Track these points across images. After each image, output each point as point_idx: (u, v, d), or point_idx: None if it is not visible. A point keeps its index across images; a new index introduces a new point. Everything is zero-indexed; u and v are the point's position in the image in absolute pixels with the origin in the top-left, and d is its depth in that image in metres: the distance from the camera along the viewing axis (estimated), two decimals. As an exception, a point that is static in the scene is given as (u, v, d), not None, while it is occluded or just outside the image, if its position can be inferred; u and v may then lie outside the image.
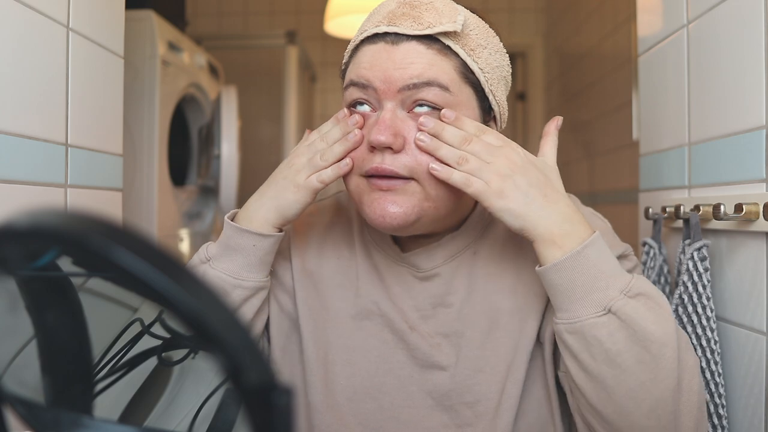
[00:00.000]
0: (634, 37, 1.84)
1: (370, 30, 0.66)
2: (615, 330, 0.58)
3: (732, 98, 0.77)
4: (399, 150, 0.64)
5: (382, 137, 0.62)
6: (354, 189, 0.68)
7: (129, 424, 0.54)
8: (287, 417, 0.26)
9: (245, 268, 0.69)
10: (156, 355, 0.57)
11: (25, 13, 0.79)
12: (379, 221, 0.65)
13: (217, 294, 0.26)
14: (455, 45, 0.65)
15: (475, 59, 0.66)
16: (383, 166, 0.64)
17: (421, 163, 0.64)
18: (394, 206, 0.64)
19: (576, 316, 0.59)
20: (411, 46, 0.64)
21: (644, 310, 0.58)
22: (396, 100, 0.64)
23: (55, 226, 0.26)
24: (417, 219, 0.65)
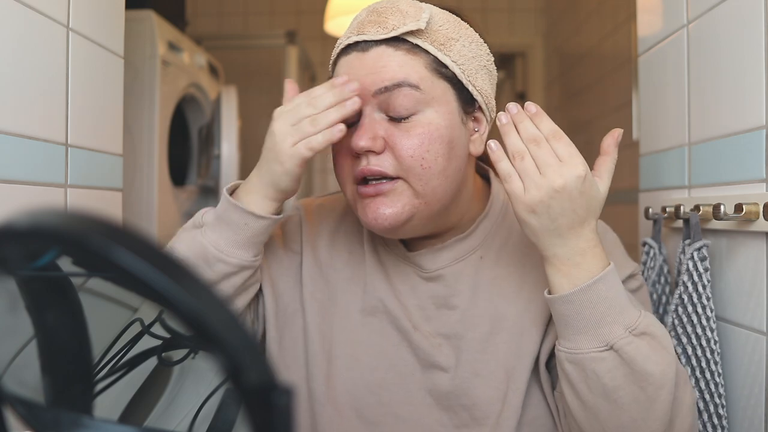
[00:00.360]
0: (634, 37, 1.84)
1: (343, 42, 0.69)
2: (615, 367, 0.59)
3: (732, 98, 0.77)
4: (380, 151, 0.66)
5: (362, 142, 0.65)
6: (350, 197, 0.70)
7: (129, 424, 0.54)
8: (287, 417, 0.26)
9: (232, 245, 0.68)
10: (156, 355, 0.57)
11: (25, 13, 0.79)
12: (372, 224, 0.67)
13: (217, 294, 0.26)
14: (423, 42, 0.66)
15: (446, 53, 0.67)
16: (369, 167, 0.66)
17: (403, 161, 0.65)
18: (385, 208, 0.66)
19: (578, 348, 0.60)
20: (380, 50, 0.66)
21: (647, 350, 0.59)
22: (373, 105, 0.66)
23: (55, 226, 0.26)
24: (409, 218, 0.66)
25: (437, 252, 0.73)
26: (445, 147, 0.66)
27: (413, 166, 0.65)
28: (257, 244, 0.70)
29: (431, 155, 0.65)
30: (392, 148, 0.66)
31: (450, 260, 0.73)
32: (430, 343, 0.71)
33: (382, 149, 0.66)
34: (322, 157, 3.39)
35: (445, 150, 0.66)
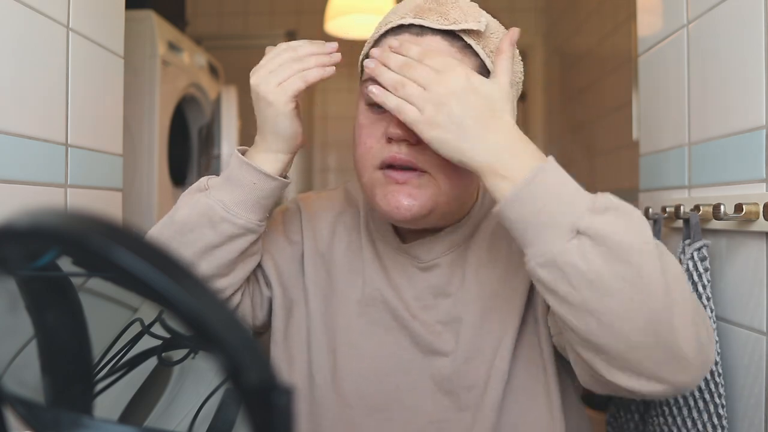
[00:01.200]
0: (634, 37, 1.84)
1: (396, 21, 0.67)
2: (589, 251, 0.52)
3: (732, 98, 0.77)
4: (415, 143, 0.64)
5: (400, 130, 0.63)
6: (368, 181, 0.68)
7: (129, 424, 0.54)
8: (287, 417, 0.26)
9: (239, 205, 0.67)
10: (156, 355, 0.57)
11: (25, 13, 0.79)
12: (393, 213, 0.65)
13: (217, 294, 0.26)
14: (476, 45, 0.66)
15: (494, 61, 0.66)
16: (400, 156, 0.64)
17: (436, 157, 0.63)
18: (409, 199, 0.65)
19: (546, 249, 0.54)
20: (435, 40, 0.65)
21: (616, 222, 0.53)
22: None
23: (55, 226, 0.26)
24: (430, 212, 0.66)
25: (432, 242, 0.74)
26: None
27: (446, 165, 0.63)
28: (265, 207, 0.69)
29: None
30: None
31: (444, 249, 0.74)
32: (430, 331, 0.71)
33: (417, 140, 0.63)
34: (322, 157, 3.39)
35: None
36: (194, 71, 1.96)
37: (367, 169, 0.68)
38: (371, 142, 0.68)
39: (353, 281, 0.77)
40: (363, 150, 0.68)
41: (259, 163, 0.68)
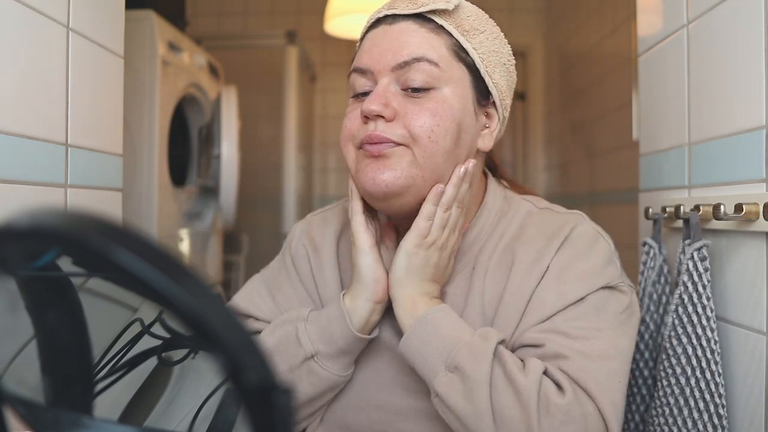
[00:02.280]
0: (634, 37, 1.84)
1: (374, 17, 0.73)
2: (440, 407, 0.65)
3: (732, 98, 0.77)
4: (390, 119, 0.67)
5: (374, 106, 0.66)
6: (351, 162, 0.72)
7: (129, 424, 0.54)
8: (287, 417, 0.26)
9: (348, 367, 0.72)
10: (156, 355, 0.57)
11: (25, 13, 0.79)
12: (369, 185, 0.67)
13: (216, 294, 0.26)
14: (448, 24, 0.69)
15: (468, 39, 0.69)
16: (376, 132, 0.67)
17: (412, 130, 0.66)
18: (385, 171, 0.67)
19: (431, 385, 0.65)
20: (406, 25, 0.69)
21: (456, 388, 0.62)
22: (390, 77, 0.68)
23: (55, 226, 0.26)
24: (405, 186, 0.67)
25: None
26: (455, 127, 0.68)
27: (421, 136, 0.66)
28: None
29: (440, 130, 0.67)
30: (403, 117, 0.67)
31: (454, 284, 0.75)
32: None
33: (392, 117, 0.67)
34: (322, 157, 3.39)
35: (454, 130, 0.68)
36: (194, 71, 1.96)
37: (350, 150, 0.71)
38: (351, 124, 0.71)
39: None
40: (345, 134, 0.72)
41: (350, 311, 0.70)
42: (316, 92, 3.35)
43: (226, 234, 2.40)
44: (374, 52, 0.69)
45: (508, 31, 0.77)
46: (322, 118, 3.38)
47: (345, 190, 0.76)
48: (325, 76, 3.36)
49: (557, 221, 0.74)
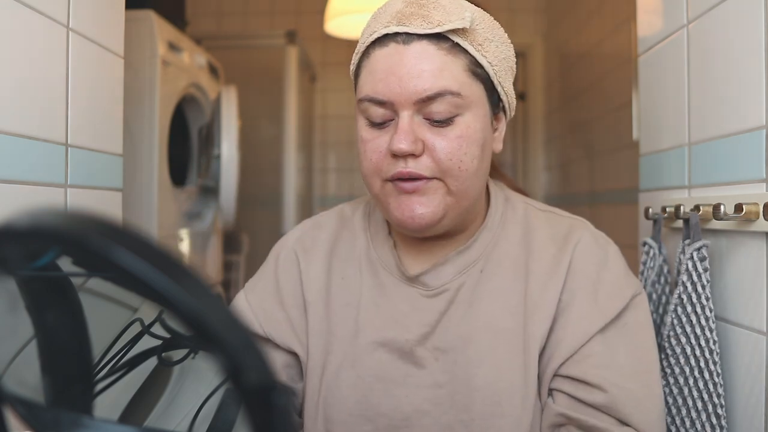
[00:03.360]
0: (634, 37, 1.84)
1: (380, 30, 0.67)
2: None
3: (732, 98, 0.77)
4: (419, 155, 0.66)
5: (403, 145, 0.65)
6: (379, 192, 0.70)
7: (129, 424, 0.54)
8: (287, 417, 0.26)
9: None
10: (156, 355, 0.57)
11: (25, 13, 0.79)
12: (408, 222, 0.67)
13: (216, 294, 0.26)
14: (464, 42, 0.66)
15: (483, 53, 0.68)
16: (407, 169, 0.66)
17: (441, 163, 0.66)
18: (422, 207, 0.67)
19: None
20: (422, 46, 0.65)
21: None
22: (412, 110, 0.66)
23: (55, 226, 0.26)
24: (443, 215, 0.68)
25: (440, 268, 0.73)
26: (480, 149, 0.68)
27: (451, 168, 0.66)
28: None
29: (468, 157, 0.67)
30: (431, 150, 0.66)
31: (453, 274, 0.73)
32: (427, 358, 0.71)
33: (421, 152, 0.66)
34: (322, 156, 3.39)
35: (479, 152, 0.68)
36: (194, 71, 1.96)
37: (377, 182, 0.69)
38: (376, 157, 0.68)
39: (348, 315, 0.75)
40: (370, 165, 0.69)
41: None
42: (316, 92, 3.35)
43: (226, 234, 2.40)
44: (392, 81, 0.66)
45: (508, 31, 0.77)
46: (322, 118, 3.38)
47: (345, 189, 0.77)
48: (325, 76, 3.36)
49: (564, 225, 0.76)
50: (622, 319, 0.70)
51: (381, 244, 0.78)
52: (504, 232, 0.76)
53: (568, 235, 0.74)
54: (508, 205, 0.79)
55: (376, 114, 0.68)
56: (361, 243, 0.79)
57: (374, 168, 0.69)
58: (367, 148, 0.69)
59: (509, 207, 0.78)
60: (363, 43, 0.70)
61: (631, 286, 0.72)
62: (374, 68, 0.68)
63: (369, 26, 0.71)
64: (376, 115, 0.68)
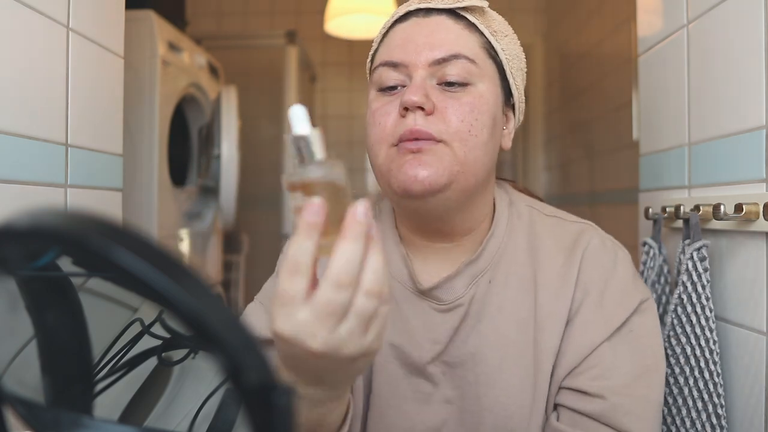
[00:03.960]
0: (634, 37, 1.84)
1: (402, 10, 0.71)
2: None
3: (732, 98, 0.77)
4: (430, 112, 0.65)
5: (415, 97, 0.64)
6: (383, 161, 0.67)
7: (129, 424, 0.54)
8: (287, 417, 0.26)
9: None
10: (156, 355, 0.57)
11: (25, 13, 0.79)
12: (411, 182, 0.63)
13: (216, 294, 0.26)
14: (480, 23, 0.69)
15: (498, 40, 0.70)
16: (416, 127, 0.64)
17: (451, 124, 0.64)
18: (425, 168, 0.64)
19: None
20: (441, 19, 0.68)
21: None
22: (427, 72, 0.66)
23: (55, 226, 0.26)
24: (447, 183, 0.64)
25: (452, 281, 0.70)
26: (491, 122, 0.67)
27: (461, 130, 0.64)
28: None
29: (479, 124, 0.65)
30: (442, 111, 0.65)
31: (464, 286, 0.71)
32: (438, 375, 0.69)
33: (431, 110, 0.65)
34: (322, 157, 3.39)
35: (491, 124, 0.67)
36: (194, 71, 1.96)
37: (383, 148, 0.67)
38: (385, 120, 0.67)
39: None
40: (378, 130, 0.67)
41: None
42: (316, 92, 3.35)
43: (226, 234, 2.40)
44: (409, 46, 0.67)
45: (508, 31, 0.77)
46: (322, 118, 3.38)
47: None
48: (325, 76, 3.36)
49: (571, 231, 0.73)
50: (629, 325, 0.68)
51: (391, 252, 0.75)
52: (510, 240, 0.73)
53: (576, 243, 0.72)
54: (513, 209, 0.76)
55: (390, 78, 0.68)
56: None
57: (383, 132, 0.66)
58: (376, 114, 0.68)
59: (514, 212, 0.76)
60: (384, 27, 0.73)
61: (638, 293, 0.69)
62: (393, 39, 0.70)
63: (393, 14, 0.73)
64: (390, 79, 0.68)
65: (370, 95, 0.71)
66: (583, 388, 0.65)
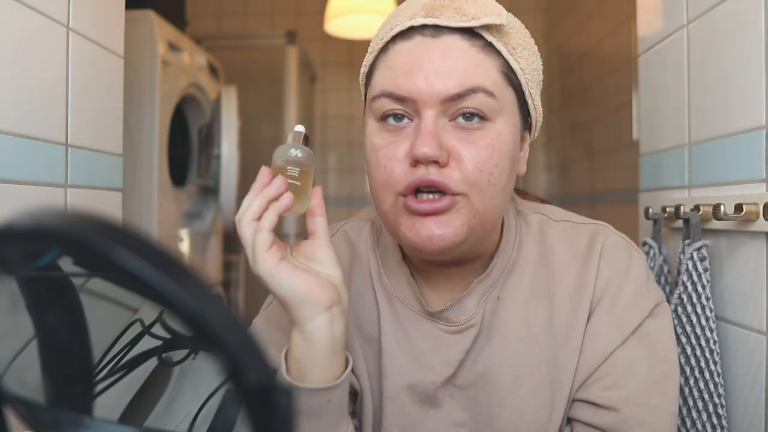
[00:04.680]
0: (634, 37, 1.84)
1: (404, 23, 0.58)
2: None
3: (732, 98, 0.77)
4: (444, 164, 0.56)
5: (428, 149, 0.54)
6: (390, 209, 0.59)
7: (129, 425, 0.54)
8: (287, 417, 0.26)
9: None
10: (156, 355, 0.57)
11: (25, 13, 0.79)
12: (425, 244, 0.57)
13: (217, 294, 0.26)
14: (498, 42, 0.58)
15: (516, 59, 0.60)
16: (429, 176, 0.56)
17: (469, 175, 0.56)
18: (443, 227, 0.57)
19: None
20: (453, 40, 0.57)
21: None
22: (437, 109, 0.57)
23: (55, 226, 0.26)
24: (465, 238, 0.58)
25: (463, 301, 0.66)
26: (510, 162, 0.59)
27: (480, 181, 0.56)
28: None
29: (498, 170, 0.57)
30: (458, 159, 0.56)
31: (475, 305, 0.66)
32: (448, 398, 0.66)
33: (446, 162, 0.56)
34: (322, 157, 3.39)
35: (509, 165, 0.59)
36: (194, 71, 1.96)
37: (389, 196, 0.59)
38: (392, 165, 0.58)
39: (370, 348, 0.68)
40: (384, 175, 0.58)
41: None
42: (316, 92, 3.35)
43: (226, 234, 2.40)
44: (416, 76, 0.56)
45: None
46: (322, 118, 3.38)
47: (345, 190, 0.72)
48: (325, 76, 3.36)
49: (583, 235, 0.68)
50: (643, 329, 0.64)
51: (394, 271, 0.69)
52: (521, 253, 0.68)
53: (590, 248, 0.67)
54: (521, 219, 0.71)
55: (393, 110, 0.58)
56: (372, 268, 0.71)
57: (389, 179, 0.58)
58: (380, 155, 0.59)
59: (522, 221, 0.71)
60: (381, 39, 0.61)
61: (651, 297, 0.65)
62: (395, 61, 0.59)
63: (387, 23, 0.62)
64: (393, 112, 0.58)
65: (368, 124, 0.62)
66: (595, 400, 0.62)
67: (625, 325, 0.64)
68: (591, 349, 0.64)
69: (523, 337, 0.65)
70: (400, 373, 0.66)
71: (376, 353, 0.68)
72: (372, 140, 0.60)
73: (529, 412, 0.64)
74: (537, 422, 0.64)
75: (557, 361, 0.65)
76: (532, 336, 0.65)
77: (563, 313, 0.65)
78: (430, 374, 0.66)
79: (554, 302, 0.66)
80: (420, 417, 0.66)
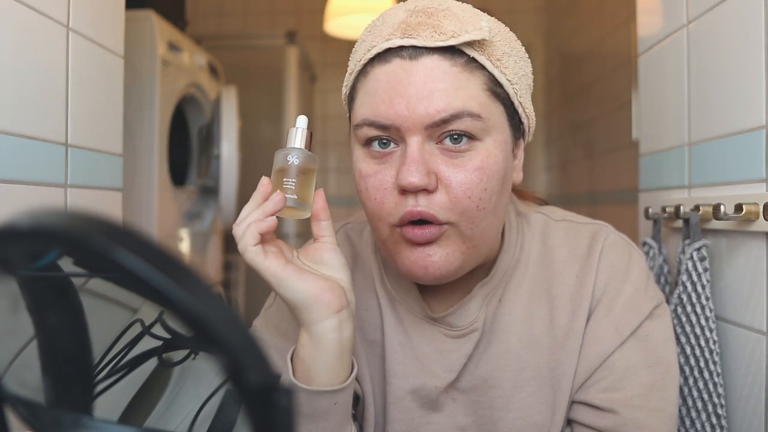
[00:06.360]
0: (634, 37, 1.84)
1: (381, 44, 0.57)
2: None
3: (732, 98, 0.77)
4: (433, 190, 0.56)
5: (414, 178, 0.54)
6: (387, 237, 0.60)
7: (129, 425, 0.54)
8: (288, 417, 0.26)
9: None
10: (156, 355, 0.57)
11: (25, 13, 0.79)
12: (421, 274, 0.58)
13: (217, 294, 0.26)
14: (481, 57, 0.56)
15: (502, 70, 0.58)
16: (418, 208, 0.56)
17: (458, 203, 0.56)
18: (435, 257, 0.57)
19: None
20: (432, 61, 0.55)
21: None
22: (422, 134, 0.56)
23: (56, 226, 0.26)
24: (460, 266, 0.59)
25: (466, 305, 0.66)
26: (500, 183, 0.58)
27: (468, 208, 0.56)
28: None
29: (487, 194, 0.57)
30: (446, 185, 0.56)
31: (477, 309, 0.66)
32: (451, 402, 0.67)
33: (435, 188, 0.56)
34: (322, 157, 3.39)
35: (499, 186, 0.58)
36: (194, 71, 1.96)
37: (384, 227, 0.59)
38: (382, 195, 0.58)
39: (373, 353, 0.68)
40: (375, 206, 0.58)
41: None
42: (316, 92, 3.35)
43: (226, 234, 2.40)
44: (397, 103, 0.55)
45: (508, 31, 0.76)
46: (322, 118, 3.38)
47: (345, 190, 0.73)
48: (325, 76, 3.36)
49: (584, 235, 0.68)
50: (642, 330, 0.64)
51: (396, 275, 0.69)
52: (522, 254, 0.68)
53: (591, 248, 0.67)
54: (521, 220, 0.71)
55: (377, 137, 0.58)
56: (374, 270, 0.71)
57: (380, 210, 0.58)
58: (369, 185, 0.58)
59: (523, 222, 0.71)
60: (358, 61, 0.60)
61: (651, 298, 0.65)
62: (375, 88, 0.57)
63: (364, 41, 0.61)
64: (377, 143, 0.58)
65: (354, 149, 0.62)
66: (594, 402, 0.62)
67: (623, 326, 0.63)
68: (590, 351, 0.64)
69: (524, 339, 0.65)
70: (404, 377, 0.66)
71: (379, 357, 0.68)
72: (359, 167, 0.60)
73: (532, 414, 0.64)
74: (539, 424, 0.64)
75: (558, 363, 0.65)
76: (533, 338, 0.65)
77: (564, 314, 0.65)
78: (433, 379, 0.65)
79: (555, 303, 0.66)
80: (423, 421, 0.66)
